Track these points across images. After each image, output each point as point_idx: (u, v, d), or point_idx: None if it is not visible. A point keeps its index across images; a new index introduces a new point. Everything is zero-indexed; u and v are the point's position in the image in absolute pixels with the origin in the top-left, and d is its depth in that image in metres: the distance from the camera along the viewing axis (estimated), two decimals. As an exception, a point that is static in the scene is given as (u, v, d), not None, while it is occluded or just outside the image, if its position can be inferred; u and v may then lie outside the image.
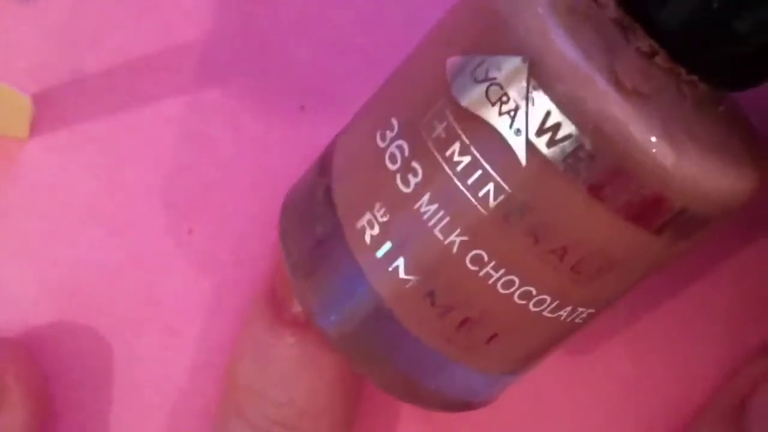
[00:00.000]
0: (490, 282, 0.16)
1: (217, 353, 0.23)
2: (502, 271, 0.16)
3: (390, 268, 0.17)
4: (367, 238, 0.17)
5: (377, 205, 0.17)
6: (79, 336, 0.23)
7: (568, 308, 0.17)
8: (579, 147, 0.15)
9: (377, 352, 0.18)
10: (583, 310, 0.17)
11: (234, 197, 0.23)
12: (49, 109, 0.23)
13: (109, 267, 0.23)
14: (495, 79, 0.15)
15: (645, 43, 0.16)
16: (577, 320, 0.17)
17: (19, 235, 0.23)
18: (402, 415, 0.23)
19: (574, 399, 0.23)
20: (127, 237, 0.23)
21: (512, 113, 0.15)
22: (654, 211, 0.15)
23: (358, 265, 0.17)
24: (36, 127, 0.23)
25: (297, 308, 0.20)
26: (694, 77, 0.16)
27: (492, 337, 0.17)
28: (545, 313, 0.17)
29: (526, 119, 0.15)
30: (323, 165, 0.19)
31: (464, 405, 0.19)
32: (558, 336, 0.18)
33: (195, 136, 0.23)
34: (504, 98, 0.15)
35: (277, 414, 0.20)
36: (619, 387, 0.23)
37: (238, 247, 0.23)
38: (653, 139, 0.15)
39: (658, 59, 0.16)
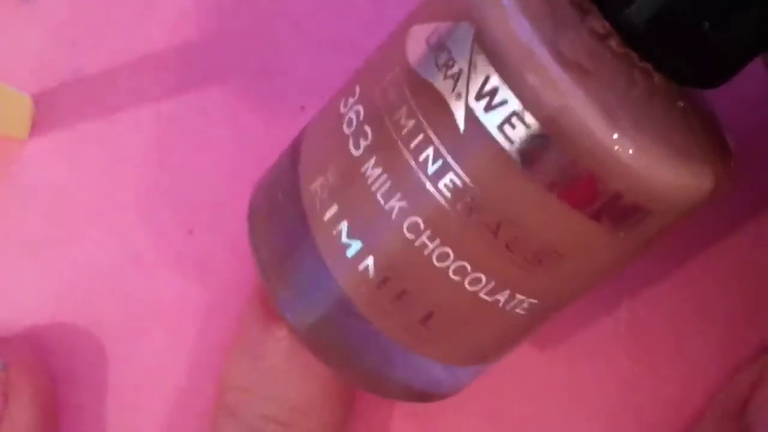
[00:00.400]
0: (426, 253, 0.16)
1: (216, 353, 0.23)
2: (436, 242, 0.16)
3: (334, 232, 0.17)
4: (317, 202, 0.17)
5: (330, 168, 0.17)
6: (79, 336, 0.23)
7: (506, 292, 0.16)
8: (514, 114, 0.15)
9: (329, 334, 0.18)
10: (523, 298, 0.17)
11: (234, 197, 0.23)
12: (49, 109, 0.23)
13: (109, 267, 0.23)
14: (444, 44, 0.15)
15: (599, 24, 0.15)
16: (518, 310, 0.17)
17: (19, 235, 0.23)
18: (396, 415, 0.23)
19: (575, 399, 0.23)
20: (127, 237, 0.23)
21: (455, 77, 0.15)
22: (587, 190, 0.15)
23: (310, 230, 0.17)
24: (36, 127, 0.23)
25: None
26: (648, 65, 0.16)
27: (428, 316, 0.17)
28: (482, 295, 0.16)
29: (467, 84, 0.15)
30: (294, 146, 0.19)
31: (427, 396, 0.19)
32: (501, 326, 0.17)
33: (195, 136, 0.23)
34: (450, 62, 0.15)
35: (269, 411, 0.20)
36: (619, 387, 0.23)
37: (238, 247, 0.23)
38: (589, 113, 0.15)
39: (612, 42, 0.16)
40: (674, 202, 0.16)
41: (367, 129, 0.16)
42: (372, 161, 0.16)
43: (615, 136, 0.15)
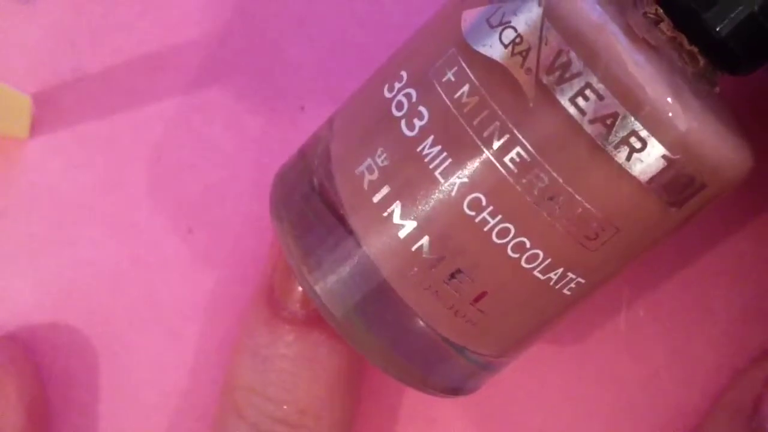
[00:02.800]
0: (486, 229, 0.16)
1: (217, 353, 0.23)
2: (498, 218, 0.16)
3: (385, 213, 0.17)
4: (365, 184, 0.17)
5: (379, 150, 0.17)
6: (79, 336, 0.23)
7: (559, 270, 0.17)
8: (587, 86, 0.15)
9: (368, 321, 0.18)
10: (573, 277, 0.17)
11: (234, 197, 0.23)
12: (49, 109, 0.23)
13: (109, 267, 0.23)
14: (509, 22, 0.16)
15: (652, 9, 0.16)
16: (566, 290, 0.17)
17: (18, 235, 0.23)
18: (402, 417, 0.23)
19: (575, 399, 0.23)
20: (127, 237, 0.23)
21: (524, 53, 0.16)
22: (651, 161, 0.16)
23: (349, 215, 0.17)
24: (36, 127, 0.23)
25: (295, 306, 0.20)
26: (695, 49, 0.16)
27: (480, 296, 0.17)
28: (536, 273, 0.17)
29: (538, 58, 0.16)
30: (319, 136, 0.19)
31: (460, 389, 0.19)
32: (547, 307, 0.18)
33: (195, 136, 0.23)
34: (517, 39, 0.16)
35: (277, 412, 0.20)
36: (619, 387, 0.23)
37: (238, 247, 0.23)
38: (659, 86, 0.15)
39: (663, 26, 0.16)
40: (726, 176, 0.17)
41: (423, 110, 0.17)
42: (429, 140, 0.17)
43: (681, 110, 0.15)
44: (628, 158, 0.16)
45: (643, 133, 0.15)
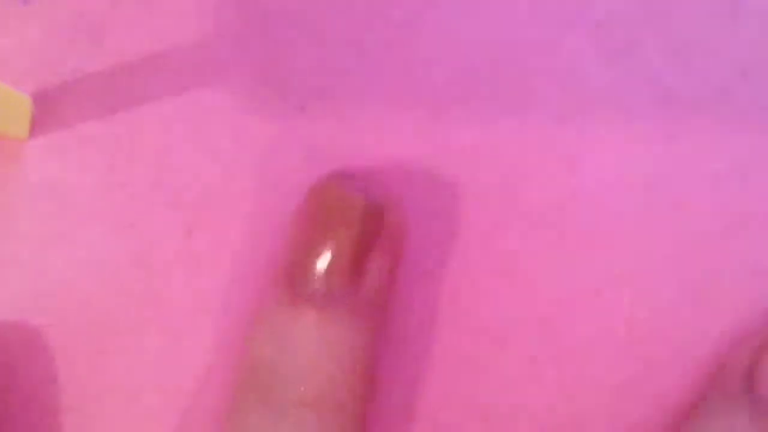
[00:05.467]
0: None
1: (217, 353, 0.23)
2: None
3: None
4: None
5: None
6: (79, 336, 0.23)
7: None
8: None
9: None
10: None
11: (234, 197, 0.23)
12: (49, 109, 0.23)
13: (109, 267, 0.23)
14: None
15: None
16: None
17: (19, 235, 0.23)
18: (411, 417, 0.23)
19: (574, 400, 0.23)
20: (128, 237, 0.23)
21: None
22: None
23: None
24: (36, 127, 0.23)
25: (315, 286, 0.20)
26: None
27: None
28: None
29: None
30: None
31: None
32: None
33: (195, 136, 0.23)
34: None
35: (297, 393, 0.20)
36: (619, 387, 0.23)
37: (238, 247, 0.23)
38: None
39: None
40: None
41: None
42: None
43: None
44: None
45: None
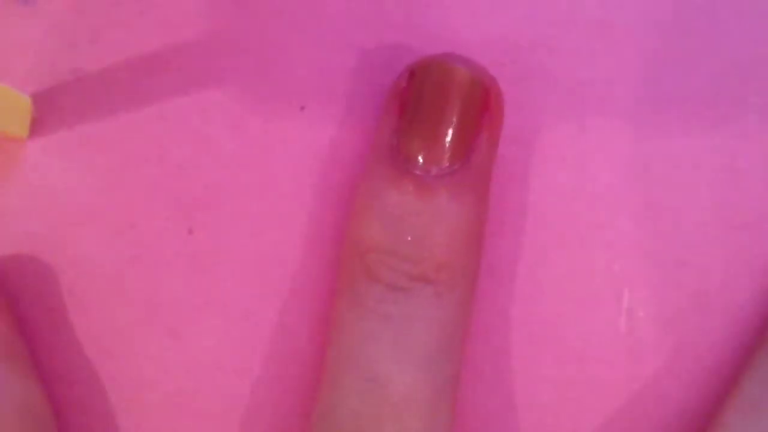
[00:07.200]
0: None
1: (217, 353, 0.23)
2: None
3: None
4: None
5: None
6: (79, 336, 0.23)
7: None
8: None
9: None
10: None
11: (234, 197, 0.23)
12: (49, 109, 0.23)
13: (109, 267, 0.23)
14: None
15: None
16: None
17: (19, 235, 0.23)
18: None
19: (574, 400, 0.23)
20: (128, 237, 0.23)
21: None
22: None
23: None
24: (36, 127, 0.23)
25: (421, 163, 0.20)
26: None
27: None
28: None
29: None
30: None
31: None
32: None
33: (195, 136, 0.23)
34: None
35: (414, 270, 0.20)
36: (619, 387, 0.23)
37: (238, 247, 0.23)
38: None
39: None
40: None
41: None
42: None
43: None
44: None
45: None
